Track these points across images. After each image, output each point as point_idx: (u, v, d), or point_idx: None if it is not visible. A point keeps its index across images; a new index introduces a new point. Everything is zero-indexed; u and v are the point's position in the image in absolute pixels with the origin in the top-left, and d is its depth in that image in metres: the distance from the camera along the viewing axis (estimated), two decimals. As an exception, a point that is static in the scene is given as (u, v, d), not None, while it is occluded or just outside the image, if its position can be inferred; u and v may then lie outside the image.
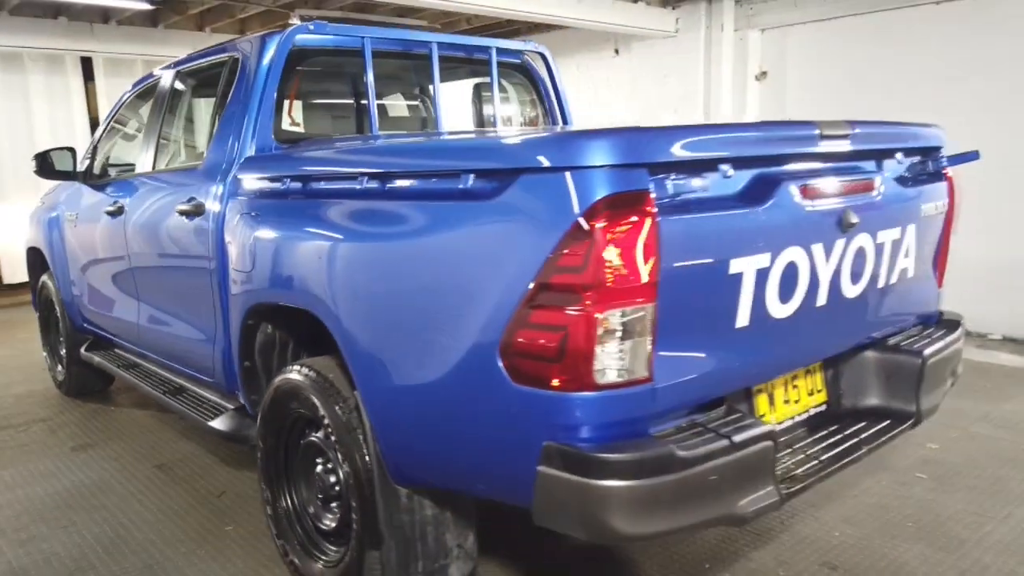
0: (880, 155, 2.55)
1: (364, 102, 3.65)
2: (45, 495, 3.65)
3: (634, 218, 1.71)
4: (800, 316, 2.20)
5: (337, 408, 2.38)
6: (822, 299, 2.27)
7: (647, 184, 1.75)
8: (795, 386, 2.52)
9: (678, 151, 1.84)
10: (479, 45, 3.86)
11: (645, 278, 1.74)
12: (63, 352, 5.06)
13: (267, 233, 2.69)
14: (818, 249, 2.21)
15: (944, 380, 2.74)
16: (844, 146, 2.32)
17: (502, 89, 4.14)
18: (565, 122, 4.23)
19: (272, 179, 2.80)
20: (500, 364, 1.84)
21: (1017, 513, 3.21)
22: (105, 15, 8.19)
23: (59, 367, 5.22)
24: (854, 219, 2.27)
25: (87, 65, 9.02)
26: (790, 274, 2.13)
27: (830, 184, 2.28)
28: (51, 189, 5.16)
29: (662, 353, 1.84)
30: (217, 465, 3.95)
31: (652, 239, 1.73)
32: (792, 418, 2.49)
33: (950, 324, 2.92)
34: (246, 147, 3.02)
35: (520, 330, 1.80)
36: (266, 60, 3.08)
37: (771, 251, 2.05)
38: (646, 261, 1.73)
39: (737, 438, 1.91)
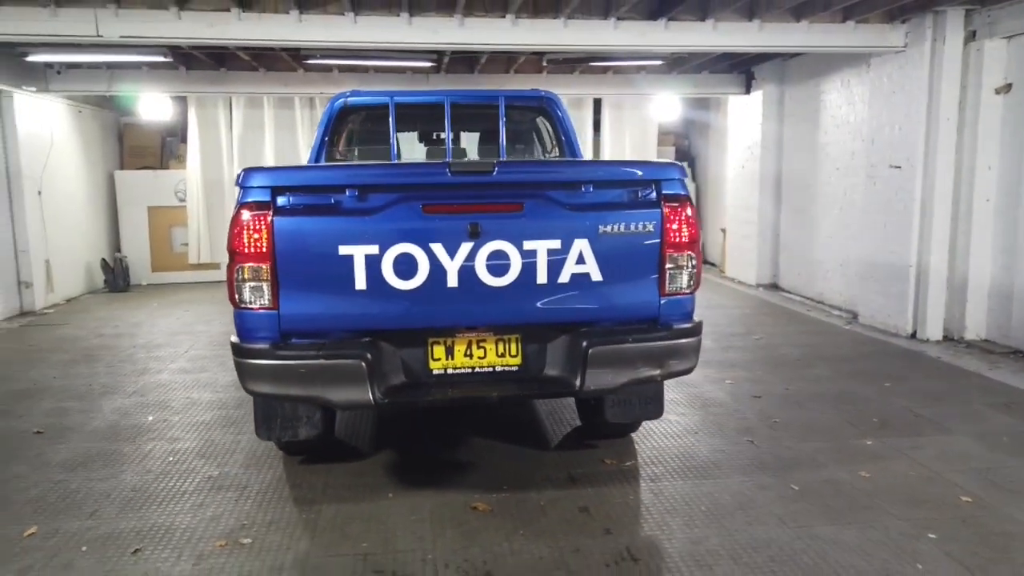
0: (532, 185, 3.39)
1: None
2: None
3: (259, 216, 3.22)
4: (429, 290, 3.32)
5: None
6: (452, 281, 3.33)
7: (269, 198, 3.23)
8: (482, 347, 3.54)
9: (290, 182, 3.25)
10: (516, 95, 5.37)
11: (264, 249, 3.23)
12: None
13: None
14: (438, 247, 3.30)
15: (615, 365, 3.39)
16: (481, 179, 3.32)
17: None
18: (573, 152, 5.31)
19: None
20: None
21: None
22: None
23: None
24: (480, 229, 3.28)
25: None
26: (405, 260, 3.29)
27: (456, 204, 3.32)
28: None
29: (286, 294, 3.28)
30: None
31: (268, 228, 3.21)
32: (472, 369, 3.53)
33: (663, 328, 3.48)
34: None
35: None
36: None
37: (380, 244, 3.27)
38: (265, 240, 3.22)
39: (325, 352, 3.25)
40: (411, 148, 6.70)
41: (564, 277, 3.41)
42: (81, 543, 3.41)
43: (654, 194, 3.48)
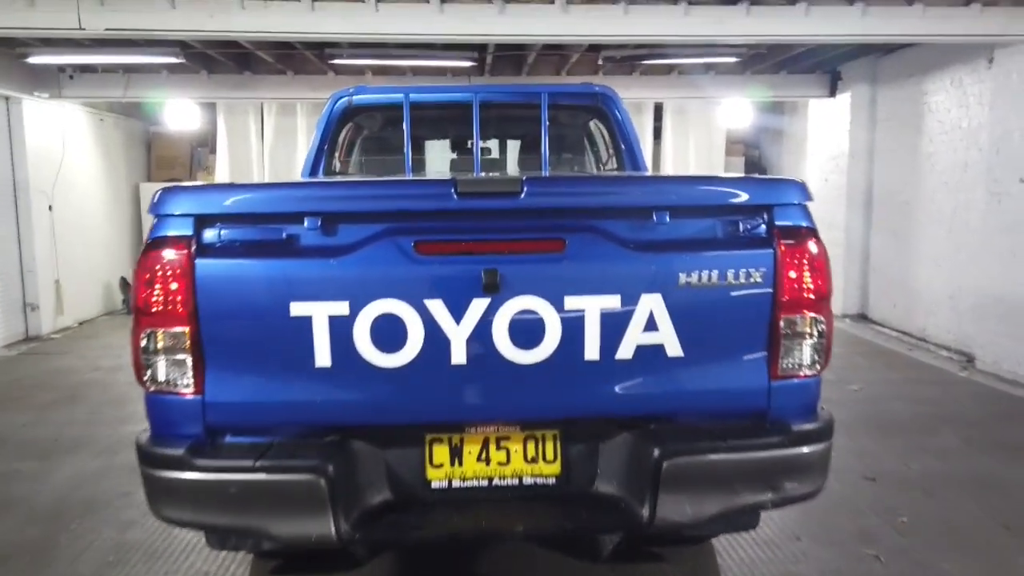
0: (580, 213, 2.27)
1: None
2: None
3: (173, 256, 2.17)
4: (424, 369, 2.23)
5: None
6: (459, 358, 2.23)
7: (191, 231, 2.18)
8: (503, 448, 2.43)
9: (222, 207, 2.20)
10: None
11: (183, 307, 2.18)
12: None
13: None
14: (438, 306, 2.21)
15: (703, 488, 2.23)
16: (504, 203, 2.22)
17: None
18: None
19: None
20: None
21: None
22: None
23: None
24: (496, 279, 2.18)
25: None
26: (389, 325, 2.21)
27: (465, 241, 2.22)
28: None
29: (215, 372, 2.23)
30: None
31: (190, 276, 2.17)
32: (489, 480, 2.42)
33: (775, 428, 2.30)
34: None
35: None
36: None
37: (352, 300, 2.19)
38: (184, 293, 2.17)
39: (267, 460, 2.17)
40: (433, 159, 5.60)
41: (626, 350, 2.27)
42: None
43: (763, 226, 2.32)
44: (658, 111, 10.75)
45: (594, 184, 2.56)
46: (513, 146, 5.44)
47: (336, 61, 7.87)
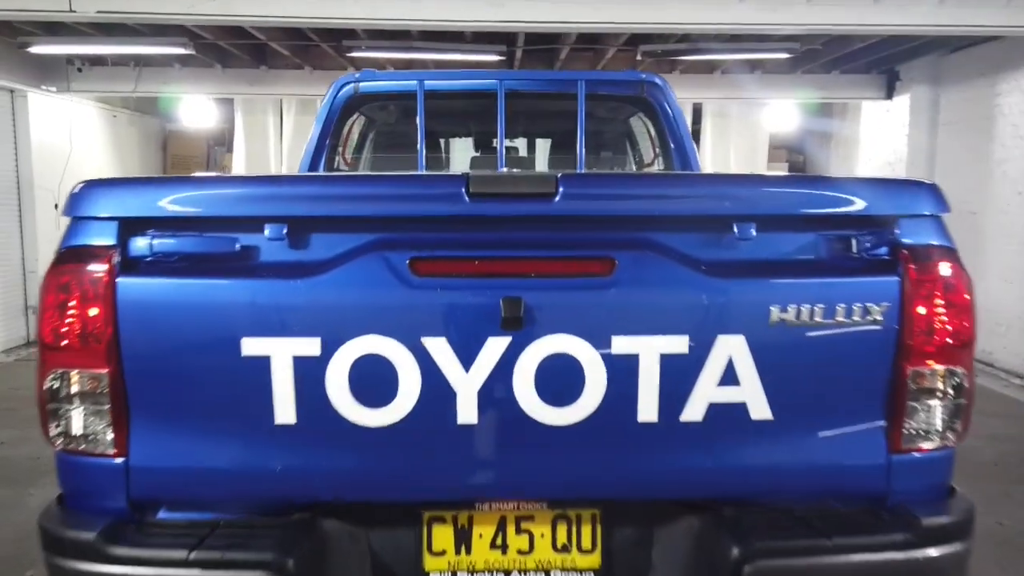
0: (635, 223, 1.67)
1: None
2: None
3: (90, 273, 1.62)
4: (421, 427, 1.66)
5: None
6: (468, 415, 1.65)
7: (115, 240, 1.63)
8: (525, 531, 1.84)
9: (155, 208, 1.64)
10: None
11: (101, 340, 1.63)
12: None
13: None
14: (439, 346, 1.63)
15: None
16: (532, 208, 1.63)
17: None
18: None
19: None
20: None
21: None
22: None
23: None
24: (519, 311, 1.60)
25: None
26: (373, 369, 1.63)
27: (477, 260, 1.64)
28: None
29: (142, 426, 1.67)
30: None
31: (110, 300, 1.61)
32: (507, 573, 1.83)
33: (897, 519, 1.69)
34: None
35: None
36: None
37: (324, 336, 1.62)
38: (103, 322, 1.62)
39: (207, 547, 1.61)
40: (453, 158, 5.01)
41: (694, 410, 1.67)
42: None
43: (885, 244, 1.71)
44: (696, 113, 10.11)
45: (653, 184, 1.94)
46: (543, 145, 4.85)
47: (355, 54, 7.36)
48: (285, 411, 1.65)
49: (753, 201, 1.75)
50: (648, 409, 1.67)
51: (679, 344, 1.65)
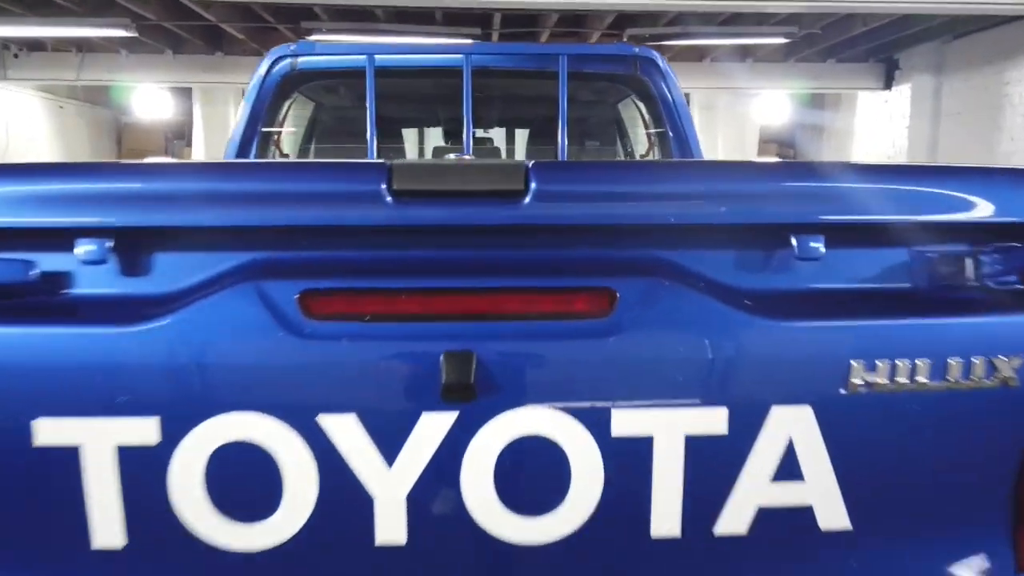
0: (643, 231, 1.11)
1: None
2: None
3: None
4: (317, 554, 1.08)
5: None
6: (391, 532, 1.08)
7: None
8: None
9: None
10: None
11: None
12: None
13: None
14: (346, 427, 1.05)
15: None
16: (491, 213, 1.06)
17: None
18: None
19: None
20: None
21: None
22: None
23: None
24: (470, 371, 1.03)
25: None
26: (247, 468, 1.05)
27: (404, 293, 1.07)
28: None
29: None
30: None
31: None
32: None
33: None
34: None
35: None
36: None
37: (164, 414, 1.04)
38: None
39: None
40: (413, 150, 4.31)
41: (736, 517, 1.10)
42: None
43: (1015, 271, 1.15)
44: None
45: (672, 177, 1.32)
46: (523, 136, 4.27)
47: (315, 37, 6.74)
48: (107, 529, 1.07)
49: (819, 202, 1.17)
50: (667, 518, 1.09)
51: (713, 420, 1.07)
